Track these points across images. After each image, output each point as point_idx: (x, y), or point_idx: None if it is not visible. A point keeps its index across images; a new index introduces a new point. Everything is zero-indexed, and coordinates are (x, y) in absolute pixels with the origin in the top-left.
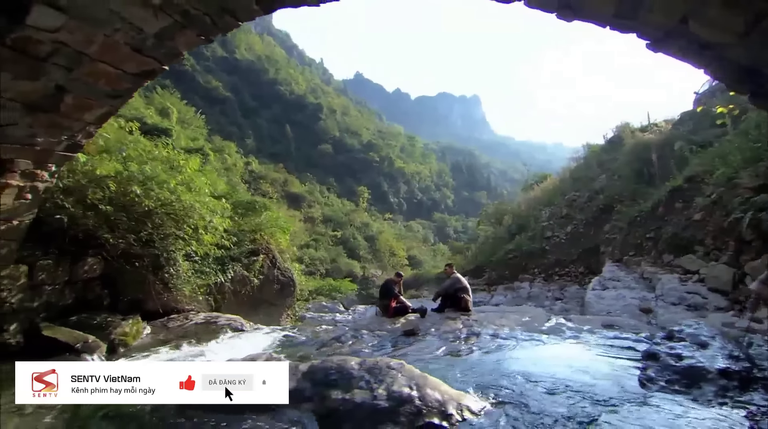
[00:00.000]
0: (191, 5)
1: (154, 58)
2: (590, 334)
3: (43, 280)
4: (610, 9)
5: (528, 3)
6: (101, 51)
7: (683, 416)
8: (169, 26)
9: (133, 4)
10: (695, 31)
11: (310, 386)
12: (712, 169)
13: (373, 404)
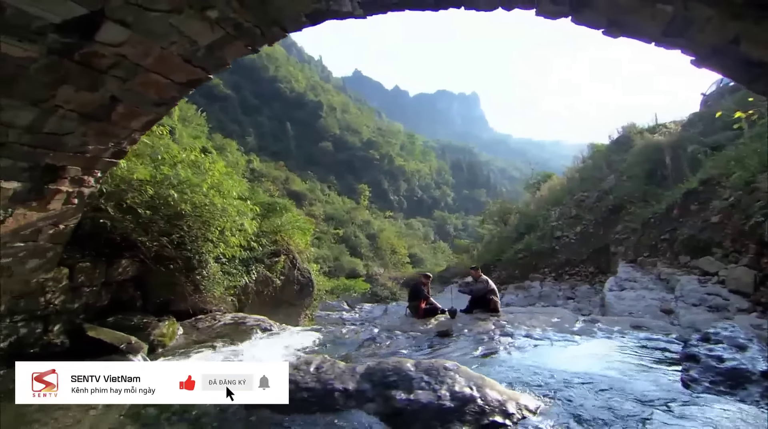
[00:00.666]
0: (245, 18)
1: (202, 67)
2: (621, 335)
3: (82, 282)
4: (659, 28)
5: (576, 20)
6: (156, 62)
7: (733, 417)
8: (221, 38)
9: (192, 19)
10: (746, 50)
11: (370, 387)
12: (728, 172)
13: (439, 404)
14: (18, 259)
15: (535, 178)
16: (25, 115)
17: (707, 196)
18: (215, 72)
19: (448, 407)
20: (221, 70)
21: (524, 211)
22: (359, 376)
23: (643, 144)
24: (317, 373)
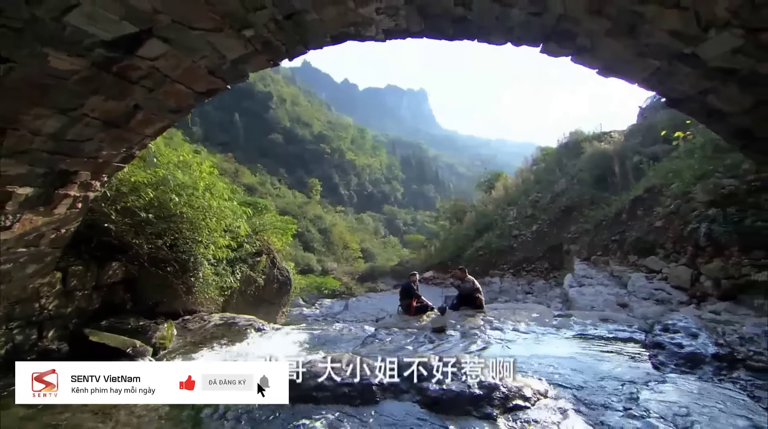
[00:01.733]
0: (275, 37)
1: (223, 79)
2: (594, 327)
3: (74, 286)
4: (645, 75)
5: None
6: (183, 74)
7: (697, 389)
8: (247, 53)
9: (229, 37)
10: (711, 102)
11: (402, 380)
12: (668, 183)
13: (470, 392)
14: (19, 264)
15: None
16: (53, 123)
17: (651, 203)
18: (233, 83)
19: (478, 394)
20: (240, 80)
21: (481, 210)
22: (389, 371)
23: (591, 151)
24: (353, 371)
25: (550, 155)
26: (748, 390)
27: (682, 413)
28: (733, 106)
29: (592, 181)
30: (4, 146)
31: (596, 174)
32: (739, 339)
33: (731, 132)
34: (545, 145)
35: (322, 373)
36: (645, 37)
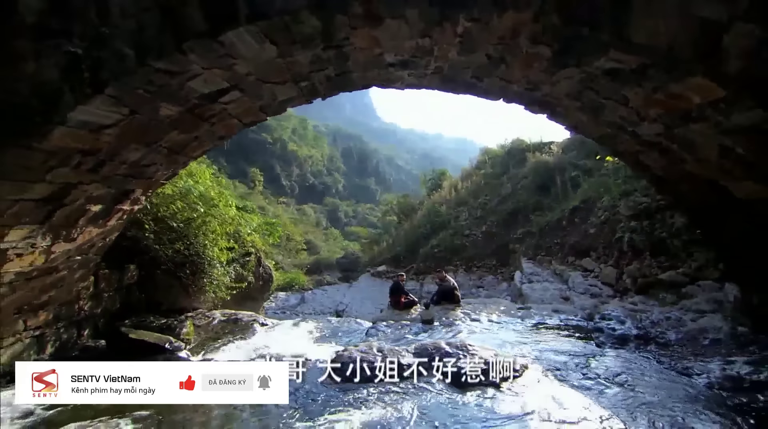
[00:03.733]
0: (322, 86)
1: (266, 113)
2: (549, 317)
3: (103, 288)
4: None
5: (550, 118)
6: (242, 112)
7: (626, 358)
8: (295, 96)
9: (288, 87)
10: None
11: (423, 361)
12: (599, 196)
13: (479, 368)
14: (72, 270)
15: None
16: (137, 153)
17: (586, 212)
18: (272, 115)
19: (483, 369)
20: (278, 114)
21: (432, 209)
22: (412, 354)
23: (534, 162)
24: (383, 355)
25: (494, 158)
26: (657, 357)
27: (617, 374)
28: (654, 163)
29: (535, 188)
30: (99, 174)
31: (539, 182)
32: (650, 323)
33: (650, 177)
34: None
35: (361, 359)
36: (604, 116)
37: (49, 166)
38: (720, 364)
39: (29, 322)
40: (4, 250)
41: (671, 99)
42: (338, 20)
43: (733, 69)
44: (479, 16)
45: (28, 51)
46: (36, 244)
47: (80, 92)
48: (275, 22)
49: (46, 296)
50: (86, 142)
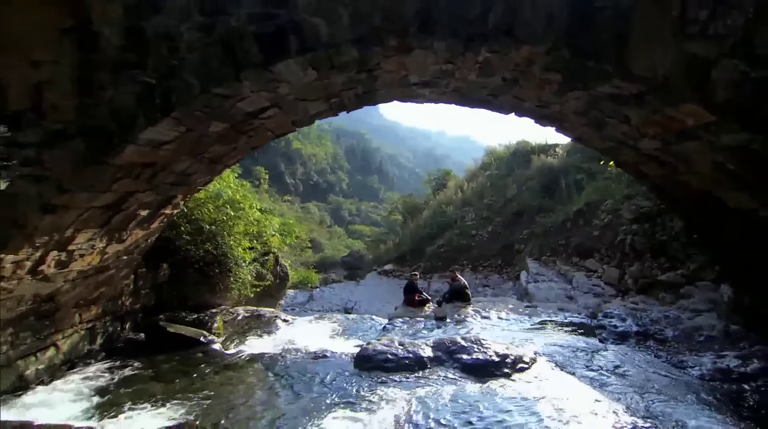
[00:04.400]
0: (350, 102)
1: (296, 125)
2: (555, 315)
3: (141, 286)
4: (602, 147)
5: (558, 131)
6: (276, 125)
7: (626, 353)
8: (325, 110)
9: (320, 103)
10: (641, 168)
11: (441, 353)
12: (602, 200)
13: (492, 360)
14: (119, 268)
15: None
16: (184, 164)
17: (590, 215)
18: (300, 127)
19: (496, 361)
20: (307, 125)
21: (438, 209)
22: (431, 348)
23: (540, 164)
24: (404, 348)
25: (499, 160)
26: (655, 352)
27: (618, 366)
28: (653, 173)
29: (539, 190)
30: (152, 183)
31: (543, 184)
32: (650, 321)
33: (650, 184)
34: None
35: (385, 351)
36: (607, 131)
37: (116, 177)
38: (712, 358)
39: (83, 315)
40: (71, 252)
41: (667, 120)
42: (374, 51)
43: (720, 98)
44: (499, 48)
45: (108, 81)
46: (95, 245)
47: (152, 116)
48: (320, 54)
49: (97, 292)
50: (148, 157)
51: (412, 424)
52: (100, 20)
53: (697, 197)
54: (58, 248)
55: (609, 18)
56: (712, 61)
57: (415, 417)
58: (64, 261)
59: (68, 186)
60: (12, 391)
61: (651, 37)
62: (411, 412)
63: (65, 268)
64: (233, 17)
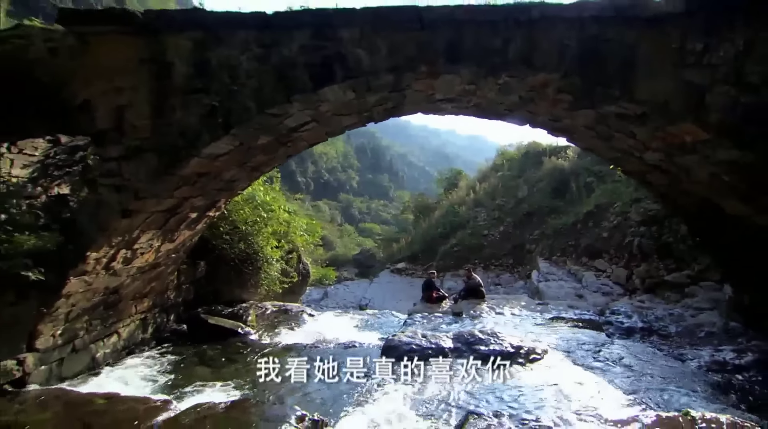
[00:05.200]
0: (378, 114)
1: (329, 135)
2: (565, 312)
3: (183, 281)
4: (609, 157)
5: (569, 141)
6: (311, 136)
7: (631, 346)
8: (354, 122)
9: (353, 118)
10: (647, 177)
11: (461, 345)
12: (611, 202)
13: (507, 351)
14: (167, 265)
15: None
16: (231, 172)
17: (599, 217)
18: (333, 136)
19: (511, 352)
20: (338, 135)
21: (450, 209)
22: (451, 340)
23: (551, 166)
24: (427, 339)
25: (511, 161)
26: (657, 346)
27: (622, 358)
28: (657, 181)
29: (550, 192)
30: (204, 190)
31: (554, 186)
32: (654, 318)
33: (655, 192)
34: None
35: (410, 342)
36: (614, 143)
37: (178, 185)
38: (710, 351)
39: (138, 307)
40: (135, 250)
41: (668, 136)
42: (407, 76)
43: (713, 119)
44: (517, 74)
45: (177, 104)
46: (153, 244)
47: (214, 133)
48: (360, 80)
49: (149, 287)
50: (205, 168)
51: (435, 406)
52: (172, 53)
53: (697, 204)
54: (126, 247)
55: (616, 49)
56: (707, 87)
57: (437, 400)
58: (129, 258)
59: (143, 194)
60: (87, 370)
61: (653, 66)
62: (433, 395)
63: (129, 265)
64: (286, 49)
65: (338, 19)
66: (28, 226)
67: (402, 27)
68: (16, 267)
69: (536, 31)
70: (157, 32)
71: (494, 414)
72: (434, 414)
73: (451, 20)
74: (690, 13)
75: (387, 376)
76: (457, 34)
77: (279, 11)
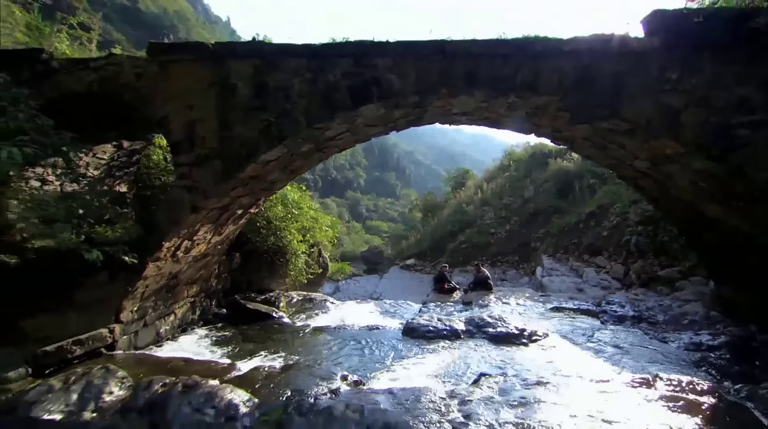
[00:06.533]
0: (401, 124)
1: (357, 142)
2: (565, 302)
3: (222, 271)
4: (605, 164)
5: (570, 149)
6: (344, 144)
7: (622, 332)
8: (380, 131)
9: (380, 128)
10: (638, 182)
11: (471, 327)
12: (612, 203)
13: (513, 333)
14: (213, 255)
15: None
16: (275, 175)
17: (600, 217)
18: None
19: (516, 333)
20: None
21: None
22: (463, 323)
23: (556, 168)
24: (442, 322)
25: (517, 162)
26: (645, 331)
27: (615, 340)
28: (648, 186)
29: (555, 192)
30: (252, 190)
31: (559, 187)
32: (645, 308)
33: (648, 196)
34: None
35: (427, 324)
36: (608, 152)
37: (234, 186)
38: (690, 335)
39: (189, 292)
40: (194, 241)
41: (652, 148)
42: (430, 97)
43: (688, 136)
44: (523, 96)
45: (239, 119)
46: (206, 236)
47: (269, 144)
48: (392, 100)
49: (198, 274)
50: (257, 172)
51: (452, 371)
52: (236, 77)
53: (683, 207)
54: (188, 238)
55: (606, 77)
56: (681, 109)
57: (453, 367)
58: (189, 248)
59: (209, 194)
60: (153, 343)
61: (637, 91)
62: (450, 364)
63: (187, 253)
64: (331, 74)
65: (374, 50)
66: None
67: (427, 57)
68: (117, 252)
69: (540, 61)
70: (224, 60)
71: (502, 375)
72: (451, 377)
73: (469, 52)
74: (667, 48)
75: (408, 351)
76: (473, 64)
77: (325, 43)
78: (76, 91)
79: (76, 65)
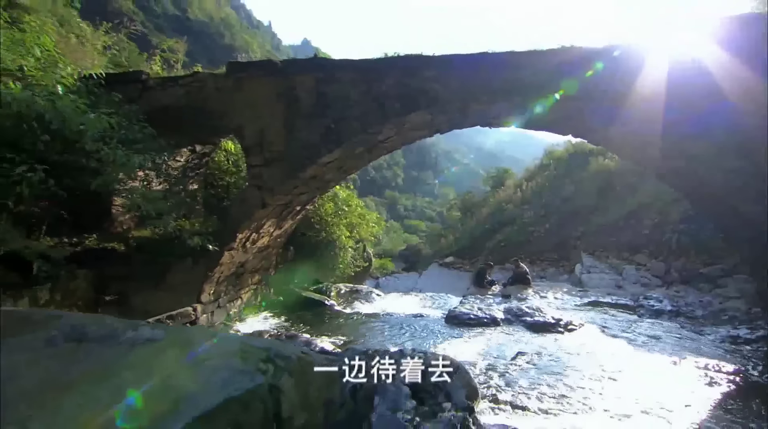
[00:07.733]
0: (443, 127)
1: (404, 144)
2: (602, 297)
3: (279, 261)
4: None
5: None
6: (392, 146)
7: (658, 325)
8: (425, 134)
9: (425, 131)
10: None
11: (510, 316)
12: (653, 201)
13: (550, 322)
14: (273, 247)
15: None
16: (331, 174)
17: (641, 216)
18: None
19: (552, 322)
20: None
21: (497, 207)
22: (502, 312)
23: (597, 166)
24: (482, 311)
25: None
26: (682, 324)
27: (650, 331)
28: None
29: (595, 191)
30: (311, 187)
31: (599, 186)
32: (684, 304)
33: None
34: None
35: (468, 313)
36: None
37: (296, 185)
38: (727, 329)
39: (252, 280)
40: (260, 233)
41: None
42: (471, 103)
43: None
44: None
45: (303, 125)
46: (270, 230)
47: (329, 147)
48: (437, 107)
49: (260, 264)
50: (317, 172)
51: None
52: (300, 88)
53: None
54: (255, 231)
55: None
56: None
57: (493, 348)
58: (255, 240)
59: (276, 192)
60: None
61: None
62: (490, 346)
63: (254, 245)
64: (383, 84)
65: (421, 63)
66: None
67: (468, 69)
68: (204, 241)
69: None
70: (289, 74)
71: (536, 353)
72: (492, 355)
73: (507, 63)
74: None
75: (452, 335)
76: (509, 81)
77: (378, 58)
78: (167, 105)
79: (168, 82)
